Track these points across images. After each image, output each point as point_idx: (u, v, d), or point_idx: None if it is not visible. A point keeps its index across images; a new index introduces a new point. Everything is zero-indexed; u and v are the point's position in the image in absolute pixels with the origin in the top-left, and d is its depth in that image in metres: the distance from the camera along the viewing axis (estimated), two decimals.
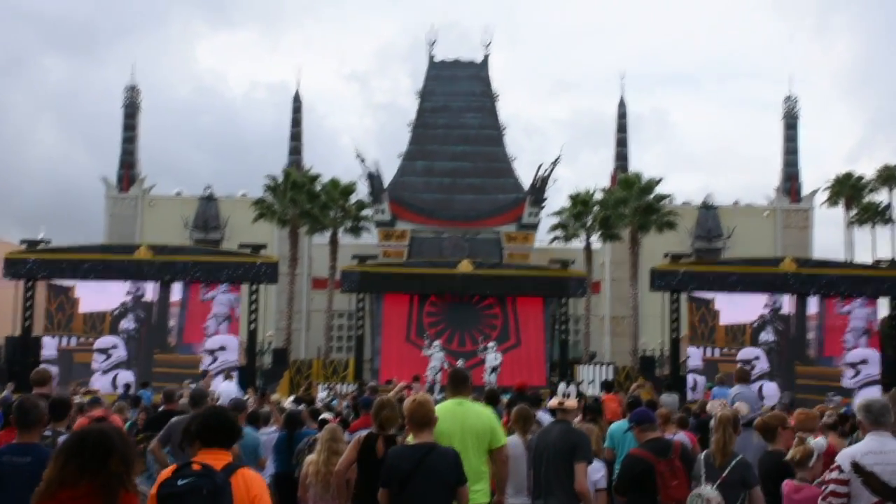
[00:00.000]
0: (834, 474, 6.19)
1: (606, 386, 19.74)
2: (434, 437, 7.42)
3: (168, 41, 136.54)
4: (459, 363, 33.34)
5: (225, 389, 18.55)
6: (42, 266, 31.87)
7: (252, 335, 32.64)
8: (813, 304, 32.52)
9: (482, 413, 7.81)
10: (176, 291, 32.16)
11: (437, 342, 32.88)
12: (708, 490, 6.89)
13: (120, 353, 31.53)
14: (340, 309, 48.25)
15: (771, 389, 29.93)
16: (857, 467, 6.17)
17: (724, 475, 7.03)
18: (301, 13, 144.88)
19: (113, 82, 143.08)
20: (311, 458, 8.98)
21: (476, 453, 7.48)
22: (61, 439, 8.40)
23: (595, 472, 7.84)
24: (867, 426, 6.39)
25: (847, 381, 31.59)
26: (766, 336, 32.22)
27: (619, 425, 10.51)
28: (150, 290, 32.14)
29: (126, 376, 29.90)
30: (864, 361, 31.89)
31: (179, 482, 4.81)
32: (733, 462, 6.93)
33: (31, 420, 6.27)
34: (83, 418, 11.78)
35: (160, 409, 13.17)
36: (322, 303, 47.95)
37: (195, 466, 4.90)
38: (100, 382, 29.93)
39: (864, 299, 32.49)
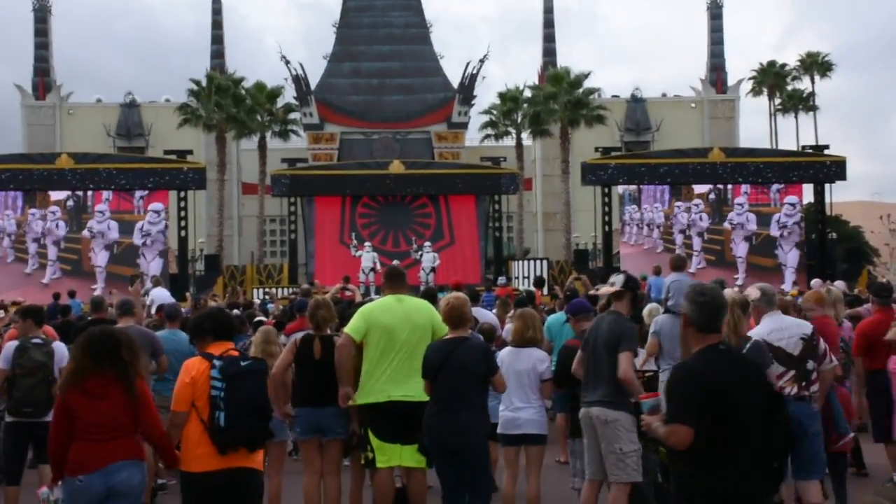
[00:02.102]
0: None
1: (538, 282, 19.86)
2: (368, 328, 7.35)
3: None
4: (395, 264, 33.46)
5: (158, 295, 18.13)
6: None
7: (183, 242, 32.17)
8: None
9: (421, 306, 7.75)
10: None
11: (367, 243, 32.73)
12: None
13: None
14: (272, 214, 47.76)
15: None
16: (767, 345, 6.95)
17: None
18: None
19: None
20: None
21: (419, 348, 7.42)
22: None
23: (540, 363, 7.88)
24: (763, 309, 7.31)
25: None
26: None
27: (557, 317, 10.57)
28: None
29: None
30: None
31: (243, 363, 5.79)
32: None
33: None
34: (13, 329, 11.50)
35: (89, 318, 12.90)
36: (253, 208, 47.43)
37: (233, 353, 5.86)
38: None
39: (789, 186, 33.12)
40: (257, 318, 12.78)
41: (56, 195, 31.42)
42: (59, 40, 57.03)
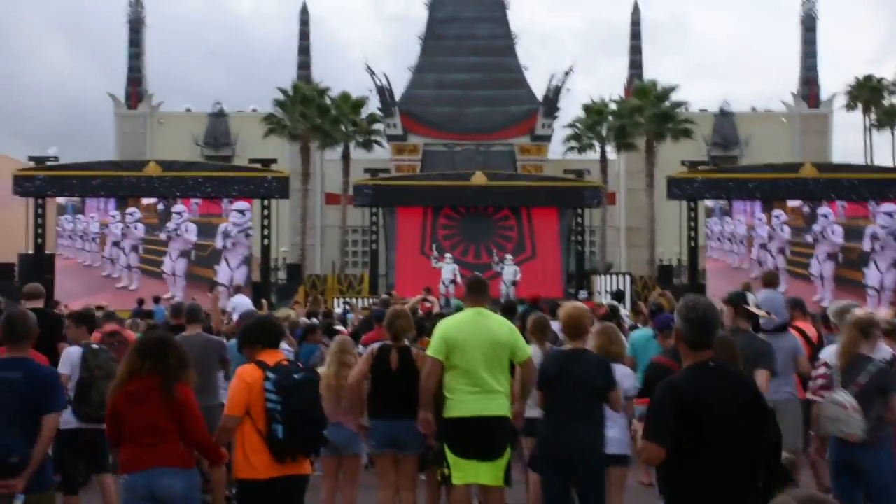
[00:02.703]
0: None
1: (617, 296, 19.46)
2: (449, 348, 7.13)
3: None
4: (477, 274, 33.18)
5: (239, 302, 18.19)
6: (51, 183, 31.55)
7: (266, 250, 32.43)
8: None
9: (503, 324, 7.46)
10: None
11: (448, 254, 32.60)
12: (843, 396, 6.53)
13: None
14: (354, 224, 47.98)
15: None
16: None
17: (860, 380, 6.64)
18: None
19: None
20: (321, 371, 8.69)
21: (497, 367, 7.18)
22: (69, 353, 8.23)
23: (625, 380, 7.52)
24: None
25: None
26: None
27: (642, 333, 10.20)
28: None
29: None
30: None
31: (296, 376, 5.85)
32: (870, 367, 6.55)
33: (18, 334, 5.94)
34: (96, 333, 11.58)
35: (171, 324, 12.92)
36: (336, 218, 47.71)
37: (284, 363, 5.95)
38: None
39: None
40: (334, 328, 12.64)
41: (147, 202, 31.78)
42: (152, 51, 58.34)
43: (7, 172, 33.44)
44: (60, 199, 31.81)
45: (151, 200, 31.69)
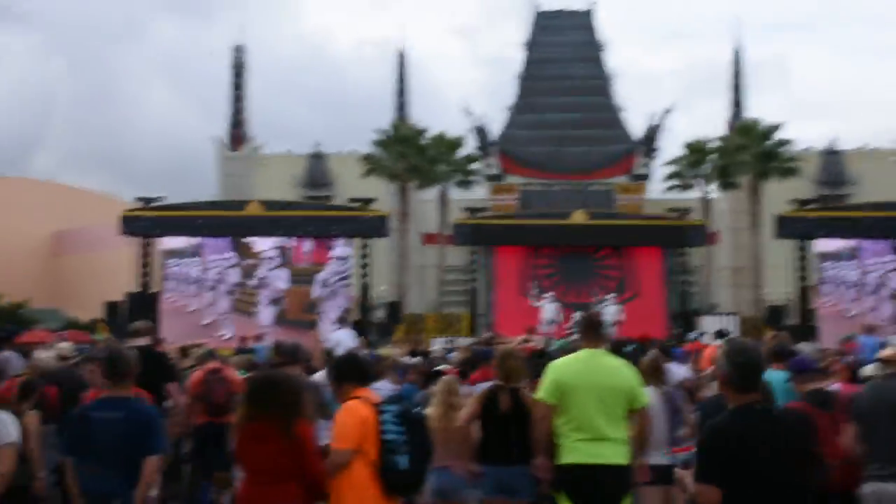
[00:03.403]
0: None
1: (720, 336, 18.34)
2: (560, 391, 6.74)
3: (275, 0, 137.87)
4: (576, 316, 32.63)
5: (341, 338, 17.68)
6: (157, 223, 32.20)
7: (365, 290, 32.44)
8: None
9: (621, 367, 6.97)
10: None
11: (548, 294, 32.17)
12: None
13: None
14: (452, 264, 47.82)
15: None
16: None
17: None
18: None
19: (222, 42, 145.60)
20: (426, 412, 8.34)
21: (613, 413, 6.73)
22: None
23: None
24: None
25: None
26: None
27: (777, 375, 9.57)
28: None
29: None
30: None
31: (414, 410, 5.99)
32: None
33: (119, 372, 5.74)
34: (198, 371, 11.47)
35: (273, 363, 12.76)
36: (433, 258, 47.66)
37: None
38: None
39: None
40: (437, 368, 12.29)
41: (261, 244, 31.88)
42: (254, 95, 59.65)
43: (115, 213, 34.27)
44: (176, 243, 32.21)
45: (266, 244, 31.68)
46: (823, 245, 31.21)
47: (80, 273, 61.62)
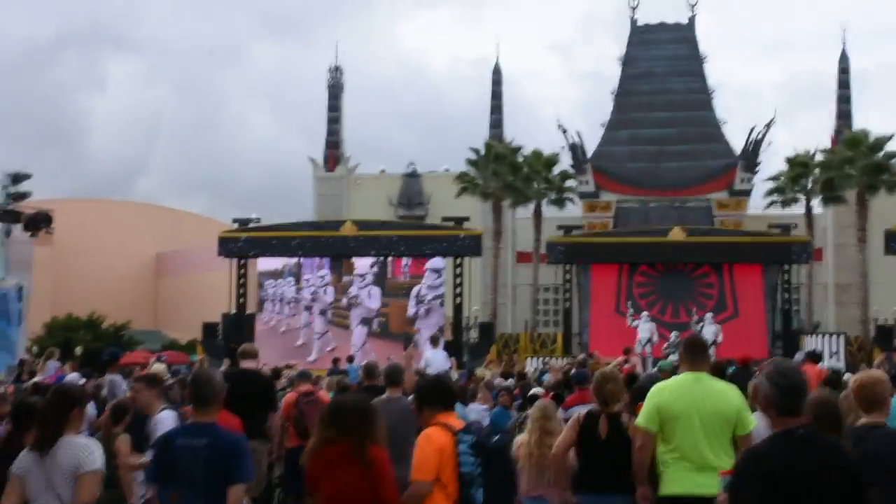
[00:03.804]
0: None
1: (812, 356, 17.10)
2: (662, 417, 6.37)
3: (372, 22, 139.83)
4: (673, 336, 31.85)
5: (433, 359, 17.17)
6: (253, 244, 32.59)
7: (458, 309, 32.21)
8: None
9: (727, 391, 6.55)
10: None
11: (644, 312, 31.50)
12: None
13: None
14: (546, 283, 47.32)
15: None
16: None
17: None
18: None
19: (319, 65, 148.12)
20: (520, 438, 8.00)
21: (718, 440, 6.33)
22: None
23: None
24: None
25: None
26: None
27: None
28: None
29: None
30: None
31: (494, 439, 6.00)
32: None
33: (205, 397, 5.56)
34: (291, 393, 11.39)
35: (364, 384, 12.60)
36: (527, 277, 47.20)
37: (474, 426, 5.67)
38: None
39: None
40: (532, 391, 11.95)
41: (360, 263, 31.95)
42: (350, 114, 60.17)
43: (214, 235, 34.80)
44: (273, 263, 32.55)
45: (366, 262, 31.73)
46: None
47: (180, 294, 63.01)
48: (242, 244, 32.60)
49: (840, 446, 4.58)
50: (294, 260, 32.30)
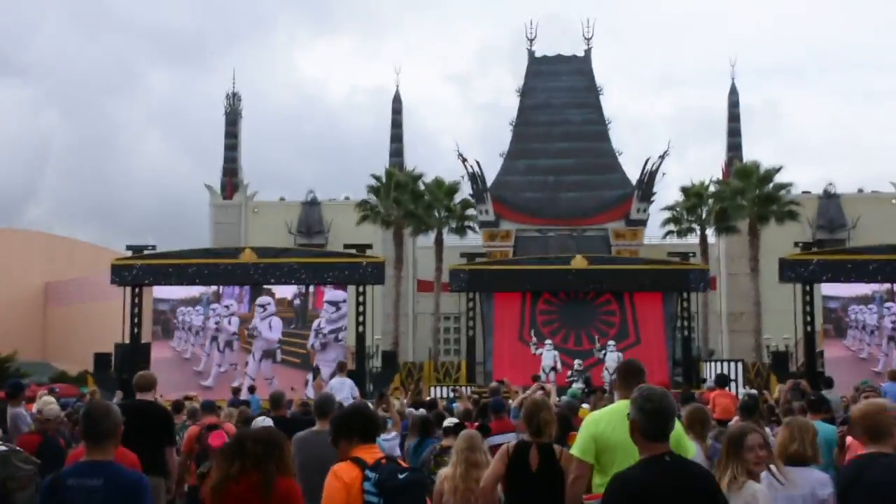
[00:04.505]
0: None
1: (720, 380, 17.37)
2: (599, 448, 6.09)
3: (270, 49, 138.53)
4: (576, 363, 31.93)
5: (337, 386, 16.51)
6: (148, 272, 31.46)
7: (360, 338, 31.66)
8: None
9: None
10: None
11: (548, 340, 31.54)
12: None
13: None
14: (447, 311, 47.14)
15: None
16: None
17: None
18: (400, 17, 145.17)
19: (216, 91, 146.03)
20: (445, 471, 7.60)
21: None
22: None
23: (822, 488, 5.85)
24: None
25: None
26: None
27: (828, 429, 8.79)
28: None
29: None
30: None
31: (400, 476, 4.99)
32: None
33: (100, 432, 5.04)
34: (194, 426, 10.84)
35: (271, 415, 12.07)
36: (428, 305, 46.99)
37: (384, 461, 5.07)
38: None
39: None
40: (448, 421, 11.58)
41: (283, 291, 31.17)
42: (247, 141, 59.21)
43: (107, 263, 33.54)
44: (193, 292, 31.51)
45: (289, 292, 31.02)
46: (832, 289, 30.64)
47: (70, 324, 60.75)
48: (137, 272, 31.43)
49: (707, 472, 4.63)
50: (213, 288, 31.33)
